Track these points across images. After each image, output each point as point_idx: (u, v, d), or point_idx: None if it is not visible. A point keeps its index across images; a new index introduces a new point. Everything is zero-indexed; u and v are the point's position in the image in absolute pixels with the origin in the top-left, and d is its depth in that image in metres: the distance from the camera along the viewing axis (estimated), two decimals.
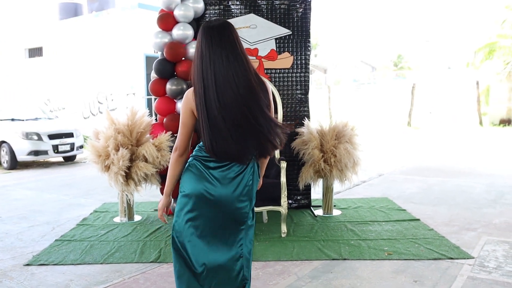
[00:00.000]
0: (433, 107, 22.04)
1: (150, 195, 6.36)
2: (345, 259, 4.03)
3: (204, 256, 2.32)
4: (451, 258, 3.98)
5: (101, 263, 4.04)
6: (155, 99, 5.66)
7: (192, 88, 2.30)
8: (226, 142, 2.24)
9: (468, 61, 23.94)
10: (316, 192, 6.06)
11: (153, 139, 5.20)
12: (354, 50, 47.38)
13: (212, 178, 2.31)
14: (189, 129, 2.34)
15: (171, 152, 5.08)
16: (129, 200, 5.37)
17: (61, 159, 11.48)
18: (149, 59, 15.15)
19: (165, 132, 5.21)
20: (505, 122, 19.23)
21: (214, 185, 2.30)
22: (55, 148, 10.51)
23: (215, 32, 2.24)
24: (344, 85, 31.14)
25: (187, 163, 2.39)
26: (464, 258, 3.98)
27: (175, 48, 5.29)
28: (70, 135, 10.90)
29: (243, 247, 2.38)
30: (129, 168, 5.05)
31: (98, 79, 16.64)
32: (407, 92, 20.98)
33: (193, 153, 2.40)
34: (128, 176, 5.07)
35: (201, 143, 2.35)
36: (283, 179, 4.61)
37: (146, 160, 5.06)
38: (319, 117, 6.00)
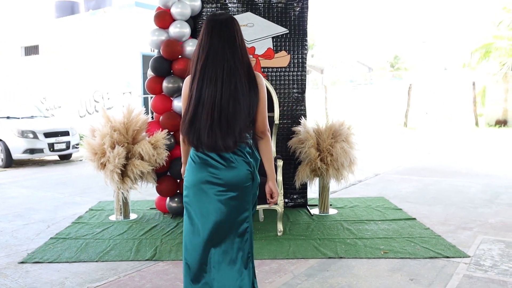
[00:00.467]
0: (430, 107, 22.11)
1: (146, 194, 6.33)
2: (341, 257, 4.02)
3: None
4: (447, 257, 3.98)
5: (96, 261, 4.02)
6: (151, 98, 5.64)
7: (189, 76, 2.39)
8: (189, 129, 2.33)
9: (464, 62, 24.00)
10: (313, 192, 6.05)
11: (149, 137, 5.18)
12: (351, 51, 47.50)
13: (216, 162, 2.36)
14: None
15: (167, 150, 5.11)
16: (125, 198, 5.35)
17: (57, 158, 11.44)
18: (145, 58, 15.12)
19: (161, 130, 5.19)
20: (501, 123, 19.28)
21: (220, 169, 2.36)
22: (51, 146, 10.47)
23: (217, 24, 2.33)
24: (341, 86, 31.18)
25: (189, 156, 2.47)
26: (460, 257, 3.98)
27: (172, 46, 5.28)
28: (66, 133, 10.86)
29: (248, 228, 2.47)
30: (125, 166, 5.03)
31: (95, 78, 16.59)
32: (403, 92, 21.00)
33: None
34: (124, 174, 5.06)
35: None
36: (279, 177, 4.60)
37: (142, 158, 5.05)
38: (316, 117, 5.99)
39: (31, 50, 19.04)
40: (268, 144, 2.50)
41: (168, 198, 5.42)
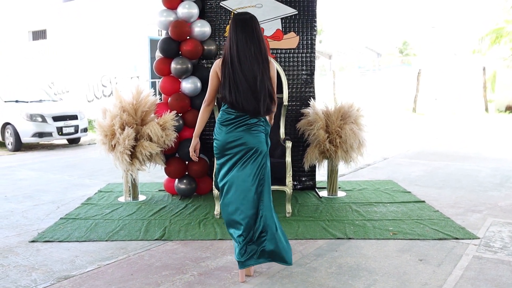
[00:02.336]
0: (439, 93, 21.90)
1: (154, 176, 6.37)
2: (350, 238, 4.03)
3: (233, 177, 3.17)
4: (457, 238, 3.97)
5: (106, 240, 4.05)
6: (159, 82, 5.63)
7: (220, 59, 3.21)
8: (244, 98, 3.09)
9: (474, 47, 23.71)
10: (321, 175, 6.04)
11: (157, 118, 5.18)
12: (359, 36, 47.03)
13: (236, 130, 3.14)
14: (214, 87, 3.26)
15: (175, 131, 5.13)
16: (134, 179, 5.37)
17: (66, 142, 11.50)
18: (153, 42, 15.04)
19: (170, 112, 5.19)
20: (511, 108, 19.08)
21: (241, 135, 3.13)
22: (60, 130, 10.51)
23: (239, 21, 3.14)
24: (349, 72, 30.95)
25: (215, 127, 3.24)
26: (470, 239, 3.97)
27: (180, 27, 5.25)
28: (75, 117, 10.90)
29: (264, 170, 3.22)
30: (133, 147, 5.04)
31: (102, 62, 16.57)
32: (412, 78, 20.83)
33: (217, 119, 3.22)
34: (132, 155, 5.06)
35: (223, 107, 3.20)
36: (288, 158, 4.59)
37: (150, 140, 5.05)
38: (324, 100, 5.96)
39: (39, 35, 19.03)
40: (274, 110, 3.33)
41: (176, 179, 5.43)
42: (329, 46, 38.57)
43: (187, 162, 5.41)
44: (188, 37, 5.36)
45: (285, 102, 4.95)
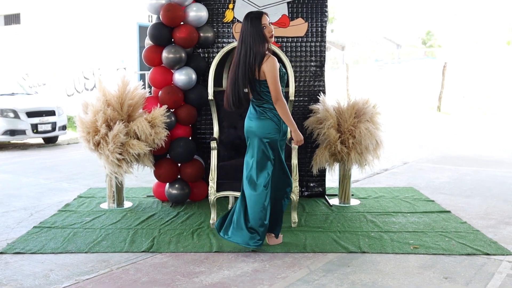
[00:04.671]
0: (467, 90, 21.88)
1: (142, 180, 6.37)
2: (364, 252, 4.02)
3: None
4: (488, 254, 3.96)
5: (85, 252, 4.05)
6: (148, 74, 5.63)
7: None
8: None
9: (508, 38, 23.67)
10: (332, 180, 6.03)
11: (146, 114, 5.17)
12: (376, 26, 47.07)
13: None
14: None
15: (166, 129, 5.11)
16: (120, 183, 5.36)
17: (41, 141, 11.49)
18: (142, 29, 15.10)
19: (160, 106, 5.18)
20: None
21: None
22: (34, 127, 10.51)
23: (250, 19, 3.91)
24: (365, 65, 31.00)
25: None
26: (503, 254, 3.96)
27: (173, 11, 5.25)
28: (52, 113, 10.90)
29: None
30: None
31: (84, 52, 16.57)
32: (437, 73, 20.81)
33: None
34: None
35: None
36: (294, 161, 4.58)
37: (138, 138, 5.03)
38: (336, 97, 5.96)
39: (12, 19, 19.06)
40: (281, 108, 3.93)
41: (167, 184, 5.43)
42: (342, 36, 38.66)
43: (179, 164, 5.40)
44: (182, 23, 5.36)
45: (291, 97, 4.94)
